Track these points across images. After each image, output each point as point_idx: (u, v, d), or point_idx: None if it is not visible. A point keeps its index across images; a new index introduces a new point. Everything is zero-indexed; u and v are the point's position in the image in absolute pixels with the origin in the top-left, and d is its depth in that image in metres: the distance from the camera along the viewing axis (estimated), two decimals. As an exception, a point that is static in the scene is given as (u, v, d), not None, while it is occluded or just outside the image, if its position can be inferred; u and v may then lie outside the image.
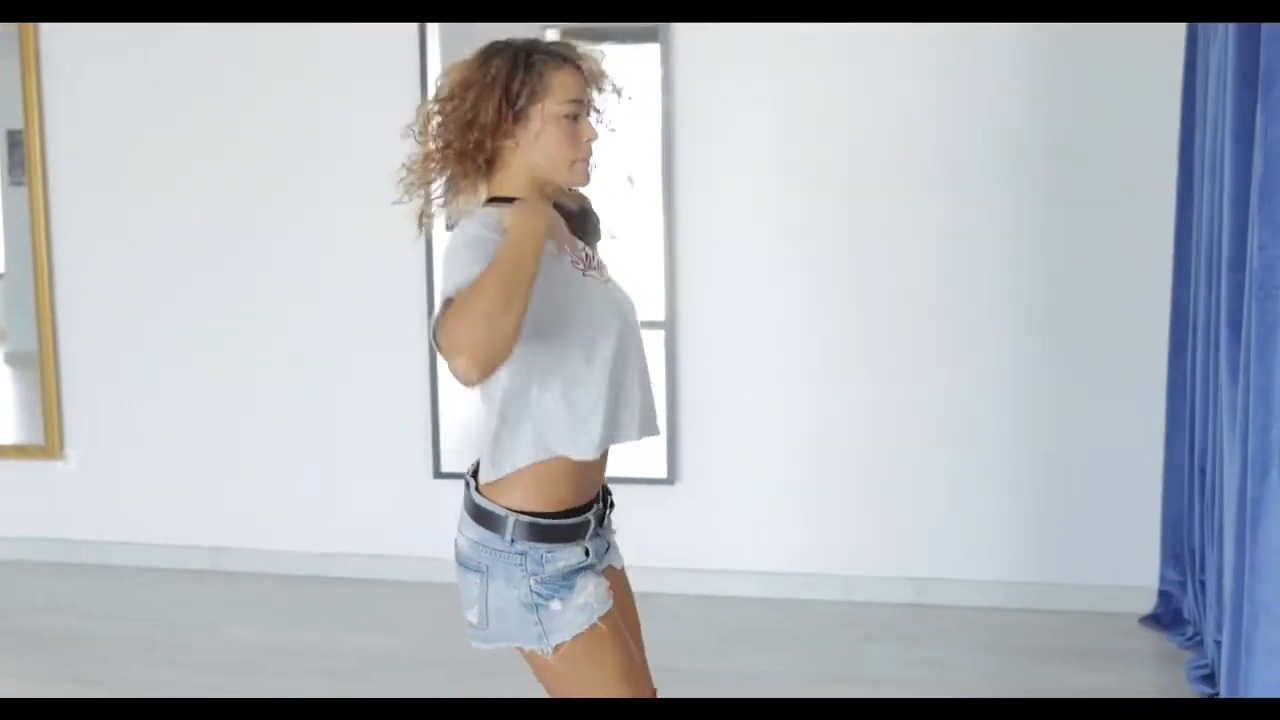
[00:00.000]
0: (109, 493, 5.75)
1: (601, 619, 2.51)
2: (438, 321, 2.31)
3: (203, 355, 5.59)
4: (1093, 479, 4.92)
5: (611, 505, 2.70)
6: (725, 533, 5.18)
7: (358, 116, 5.27)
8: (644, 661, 2.78)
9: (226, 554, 5.62)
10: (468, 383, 2.25)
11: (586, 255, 2.64)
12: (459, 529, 2.58)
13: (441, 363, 5.22)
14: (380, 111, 5.18)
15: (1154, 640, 4.68)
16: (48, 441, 5.75)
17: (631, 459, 2.91)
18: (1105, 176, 4.79)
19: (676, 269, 5.08)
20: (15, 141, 5.77)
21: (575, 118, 2.52)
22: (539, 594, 2.47)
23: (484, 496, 2.54)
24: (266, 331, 5.53)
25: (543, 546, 2.48)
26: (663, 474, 5.12)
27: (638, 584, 2.81)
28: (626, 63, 4.81)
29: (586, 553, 2.54)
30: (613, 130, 2.63)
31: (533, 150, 2.51)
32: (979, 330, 4.94)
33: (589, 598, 2.50)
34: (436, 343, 2.32)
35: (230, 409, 5.60)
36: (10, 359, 6.30)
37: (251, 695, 4.34)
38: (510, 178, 2.55)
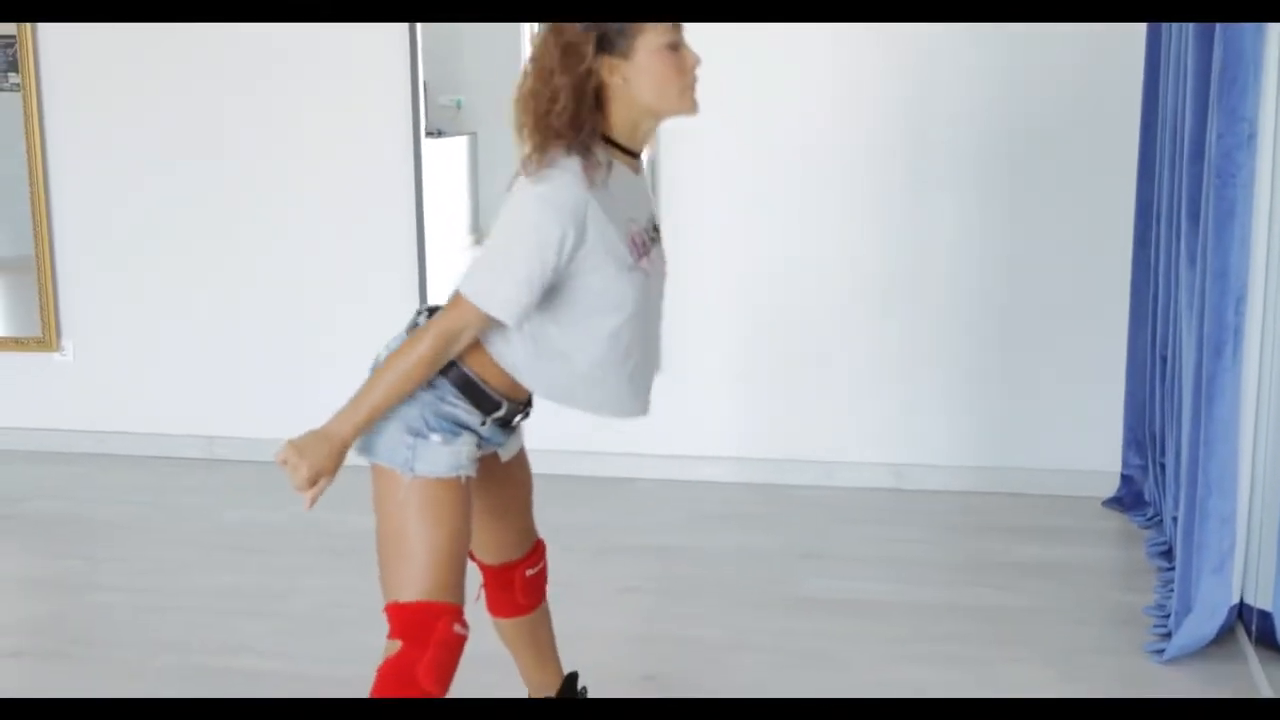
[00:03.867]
0: (104, 384, 5.90)
1: (460, 480, 2.65)
2: (459, 299, 2.55)
3: (196, 251, 5.71)
4: (1060, 368, 5.09)
5: (527, 415, 2.83)
6: (705, 420, 5.35)
7: (354, 35, 5.37)
8: (492, 542, 3.01)
9: (220, 442, 5.78)
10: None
11: (648, 234, 2.74)
12: (395, 339, 2.74)
13: (431, 260, 5.39)
14: (375, 31, 5.32)
15: (1117, 520, 4.89)
16: (44, 334, 5.87)
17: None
18: (1073, 69, 4.91)
19: (659, 173, 5.19)
20: (-4, 46, 5.84)
21: (676, 47, 2.57)
22: (427, 422, 2.62)
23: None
24: (258, 228, 5.65)
25: (454, 391, 2.64)
26: (646, 364, 5.28)
27: (620, 470, 2.97)
28: None
29: (483, 423, 2.68)
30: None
31: (642, 84, 2.55)
32: (947, 224, 5.08)
33: (463, 457, 2.64)
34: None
35: (222, 304, 5.73)
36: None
37: (247, 569, 4.53)
38: (620, 115, 2.59)
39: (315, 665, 3.81)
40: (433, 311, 2.73)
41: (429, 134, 5.36)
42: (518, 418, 2.80)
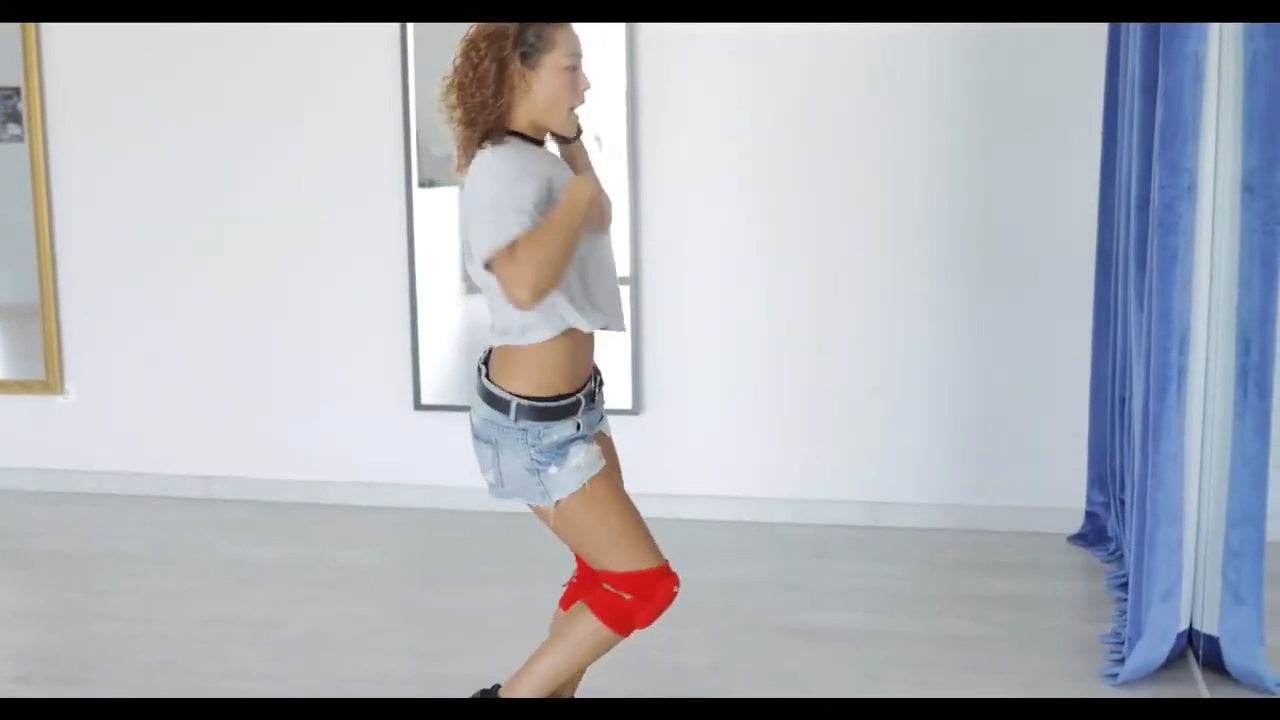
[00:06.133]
0: (106, 426, 6.09)
1: (592, 480, 3.05)
2: (500, 253, 2.81)
3: (194, 297, 5.91)
4: (1027, 409, 5.29)
5: (601, 383, 3.20)
6: (685, 459, 5.55)
7: (344, 60, 5.59)
8: None
9: (217, 482, 5.97)
10: (522, 307, 2.84)
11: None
12: (473, 409, 3.10)
13: (423, 305, 5.58)
14: (366, 57, 5.53)
15: (1080, 555, 5.07)
16: (49, 377, 6.07)
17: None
18: (1036, 126, 5.13)
19: (640, 221, 5.41)
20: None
21: (574, 70, 2.99)
22: (539, 461, 3.01)
23: (493, 383, 3.03)
24: (255, 273, 5.85)
25: (539, 424, 3.00)
26: (628, 405, 5.48)
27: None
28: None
29: (577, 426, 3.04)
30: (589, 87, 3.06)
31: (538, 96, 2.96)
32: (920, 273, 5.29)
33: (580, 462, 3.03)
34: (490, 267, 2.85)
35: (220, 347, 5.92)
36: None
37: (239, 601, 4.71)
38: (520, 114, 2.99)
39: (307, 690, 3.98)
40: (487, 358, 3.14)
41: (422, 184, 5.56)
42: (595, 393, 3.15)
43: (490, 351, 3.12)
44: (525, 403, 2.99)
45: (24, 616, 4.76)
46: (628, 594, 3.11)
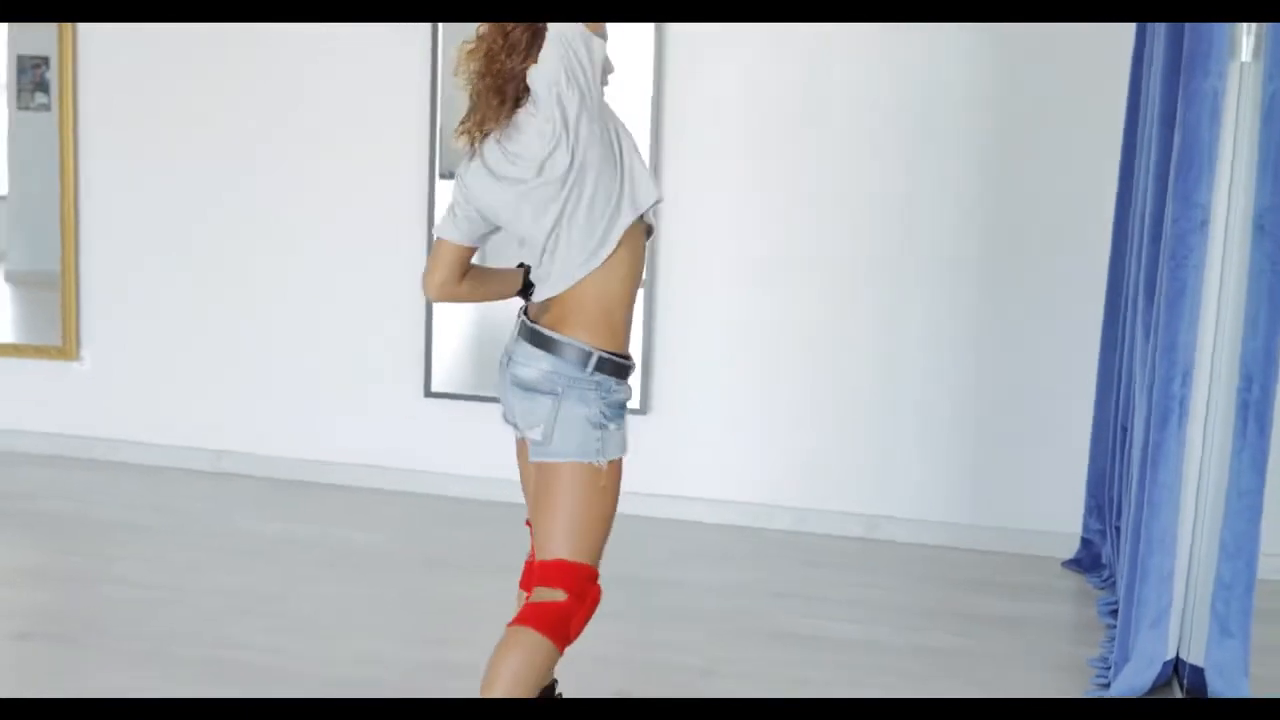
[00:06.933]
0: (119, 394, 6.16)
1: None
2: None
3: (211, 272, 5.99)
4: (1028, 434, 5.33)
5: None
6: (689, 461, 5.60)
7: (364, 46, 5.66)
8: None
9: (227, 456, 6.03)
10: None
11: None
12: (523, 364, 3.03)
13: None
14: (388, 43, 5.59)
15: (1074, 580, 5.12)
16: (65, 343, 6.14)
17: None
18: (1054, 148, 5.17)
19: (656, 221, 5.47)
20: (23, 67, 6.11)
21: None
22: (604, 414, 3.00)
23: (558, 332, 3.00)
24: (271, 252, 5.92)
25: (612, 379, 3.02)
26: (636, 405, 5.54)
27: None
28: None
29: (629, 391, 3.09)
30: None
31: None
32: (928, 293, 5.35)
33: (626, 432, 3.08)
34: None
35: (235, 323, 6.00)
36: (10, 277, 6.66)
37: (244, 574, 4.78)
38: None
39: (307, 664, 4.05)
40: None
41: (443, 175, 5.64)
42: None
43: (527, 306, 3.13)
44: (605, 355, 2.99)
45: (28, 575, 4.83)
46: (564, 591, 3.01)
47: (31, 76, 6.09)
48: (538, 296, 3.07)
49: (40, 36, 6.01)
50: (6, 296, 6.76)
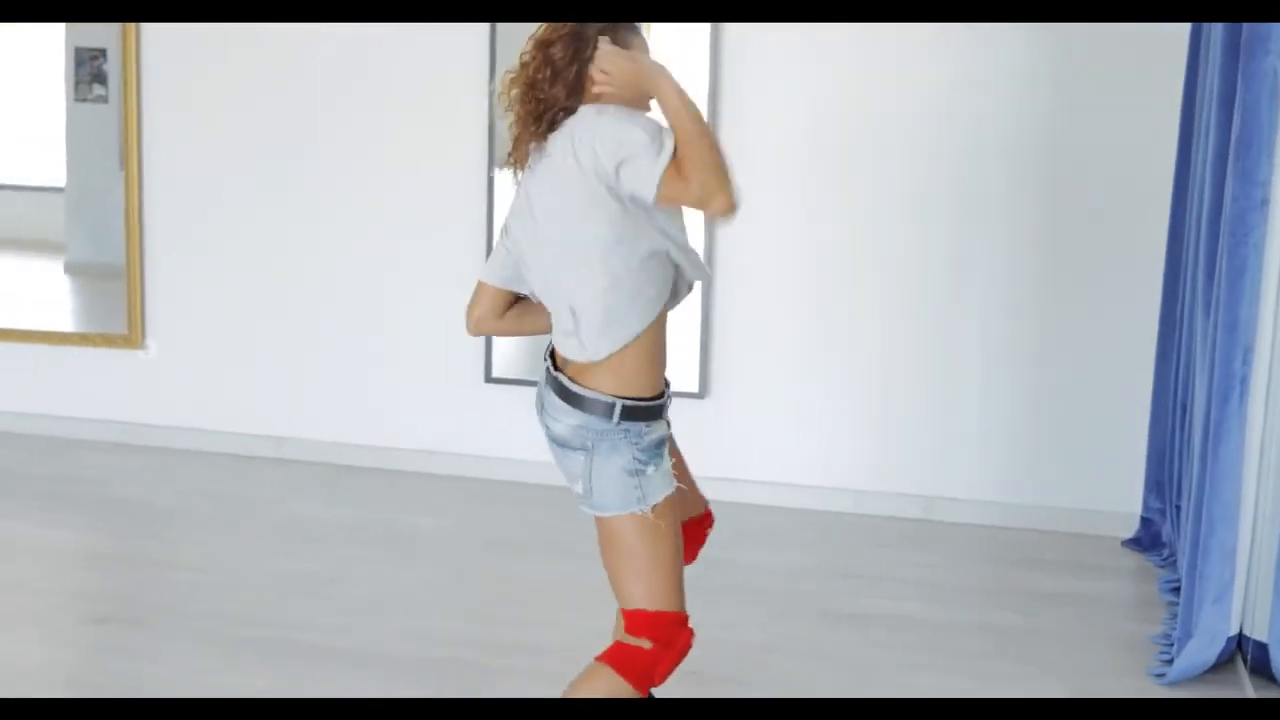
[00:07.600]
0: (183, 382, 6.24)
1: (670, 495, 2.94)
2: (668, 177, 2.76)
3: (277, 261, 6.06)
4: (1088, 413, 5.34)
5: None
6: (747, 444, 5.63)
7: (421, 34, 5.69)
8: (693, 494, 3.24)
9: (289, 443, 6.11)
10: (729, 214, 2.81)
11: None
12: (554, 417, 2.92)
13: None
14: (456, 37, 5.63)
15: (1134, 559, 5.12)
16: (130, 332, 6.23)
17: (668, 374, 3.23)
18: (1111, 131, 5.16)
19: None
20: (81, 59, 6.18)
21: None
22: (639, 459, 2.87)
23: (580, 383, 2.88)
24: (332, 240, 5.98)
25: (641, 424, 2.89)
26: (695, 389, 5.57)
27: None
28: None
29: (668, 424, 2.99)
30: None
31: (613, 96, 2.88)
32: (985, 275, 5.35)
33: (668, 467, 2.94)
34: (662, 192, 2.77)
35: (299, 312, 6.06)
36: (69, 269, 6.74)
37: (306, 558, 4.86)
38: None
39: (370, 643, 4.13)
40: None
41: (501, 165, 5.66)
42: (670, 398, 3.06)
43: (554, 349, 2.99)
44: (627, 403, 2.86)
45: (101, 559, 4.94)
46: (649, 640, 2.92)
47: (89, 69, 6.15)
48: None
49: (97, 28, 6.06)
50: (67, 288, 6.85)
